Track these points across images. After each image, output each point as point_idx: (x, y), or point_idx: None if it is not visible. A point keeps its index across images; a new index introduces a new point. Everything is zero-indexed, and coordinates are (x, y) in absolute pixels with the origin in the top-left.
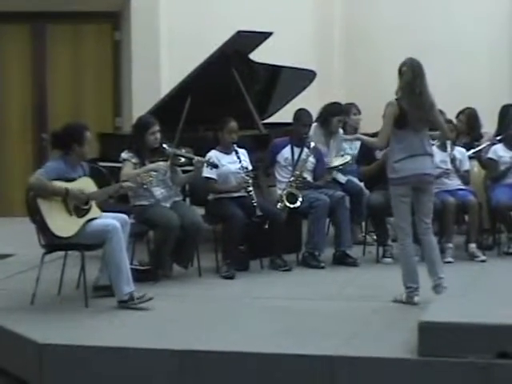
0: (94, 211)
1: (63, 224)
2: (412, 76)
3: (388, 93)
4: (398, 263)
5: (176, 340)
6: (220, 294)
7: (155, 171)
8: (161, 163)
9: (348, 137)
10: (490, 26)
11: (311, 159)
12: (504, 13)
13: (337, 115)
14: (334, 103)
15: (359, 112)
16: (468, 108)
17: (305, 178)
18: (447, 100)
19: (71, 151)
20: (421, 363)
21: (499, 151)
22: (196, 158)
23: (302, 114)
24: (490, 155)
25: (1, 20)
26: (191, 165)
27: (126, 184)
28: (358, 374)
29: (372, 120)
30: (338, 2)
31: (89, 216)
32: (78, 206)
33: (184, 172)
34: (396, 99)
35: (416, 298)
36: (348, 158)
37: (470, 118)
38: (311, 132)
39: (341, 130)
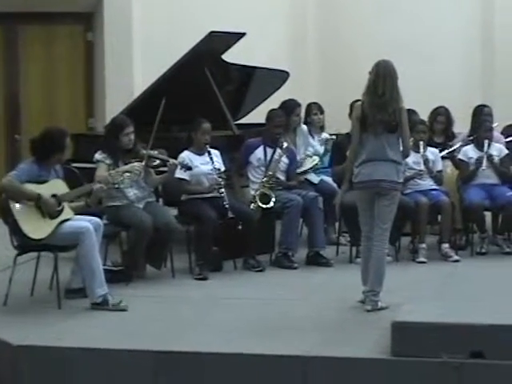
0: (67, 212)
1: (36, 226)
2: (375, 77)
3: (361, 93)
4: None
5: (150, 340)
6: (193, 295)
7: (129, 172)
8: (135, 164)
9: None
10: (463, 25)
11: (284, 159)
12: (477, 12)
13: (292, 112)
14: (286, 101)
15: (321, 111)
16: (441, 107)
17: (278, 179)
18: (418, 99)
19: (51, 158)
20: (394, 363)
21: (469, 152)
22: (171, 160)
23: (274, 115)
24: (460, 156)
25: None
26: (165, 166)
27: (96, 186)
28: (331, 374)
29: (345, 120)
30: (311, 2)
31: (61, 217)
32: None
33: (157, 173)
34: (361, 101)
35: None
36: (316, 159)
37: (447, 118)
38: None
39: (304, 127)
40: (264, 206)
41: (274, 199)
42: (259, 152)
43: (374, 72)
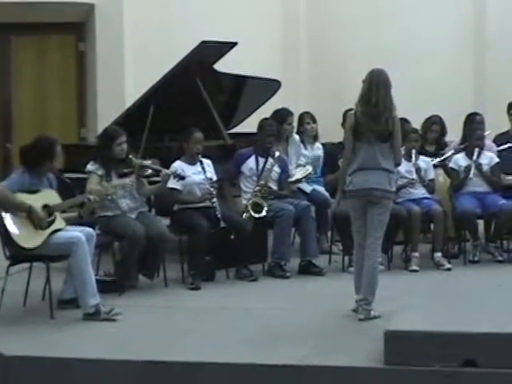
0: (59, 222)
1: (28, 235)
2: (368, 86)
3: (353, 102)
4: None
5: (143, 351)
6: (186, 305)
7: (120, 187)
8: (126, 180)
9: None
10: (455, 30)
11: (276, 169)
12: (469, 18)
13: (284, 121)
14: (278, 110)
15: (314, 120)
16: (435, 116)
17: (270, 188)
18: (410, 106)
19: (42, 166)
20: (387, 372)
21: (460, 161)
22: (163, 170)
23: (266, 124)
24: (451, 165)
25: None
26: (157, 175)
27: (91, 197)
28: (325, 383)
29: (337, 129)
30: (302, 11)
31: (53, 227)
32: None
33: (150, 183)
34: (354, 111)
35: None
36: (310, 169)
37: (441, 128)
38: None
39: (297, 136)
40: (256, 215)
41: (266, 208)
42: (251, 162)
43: (368, 81)
